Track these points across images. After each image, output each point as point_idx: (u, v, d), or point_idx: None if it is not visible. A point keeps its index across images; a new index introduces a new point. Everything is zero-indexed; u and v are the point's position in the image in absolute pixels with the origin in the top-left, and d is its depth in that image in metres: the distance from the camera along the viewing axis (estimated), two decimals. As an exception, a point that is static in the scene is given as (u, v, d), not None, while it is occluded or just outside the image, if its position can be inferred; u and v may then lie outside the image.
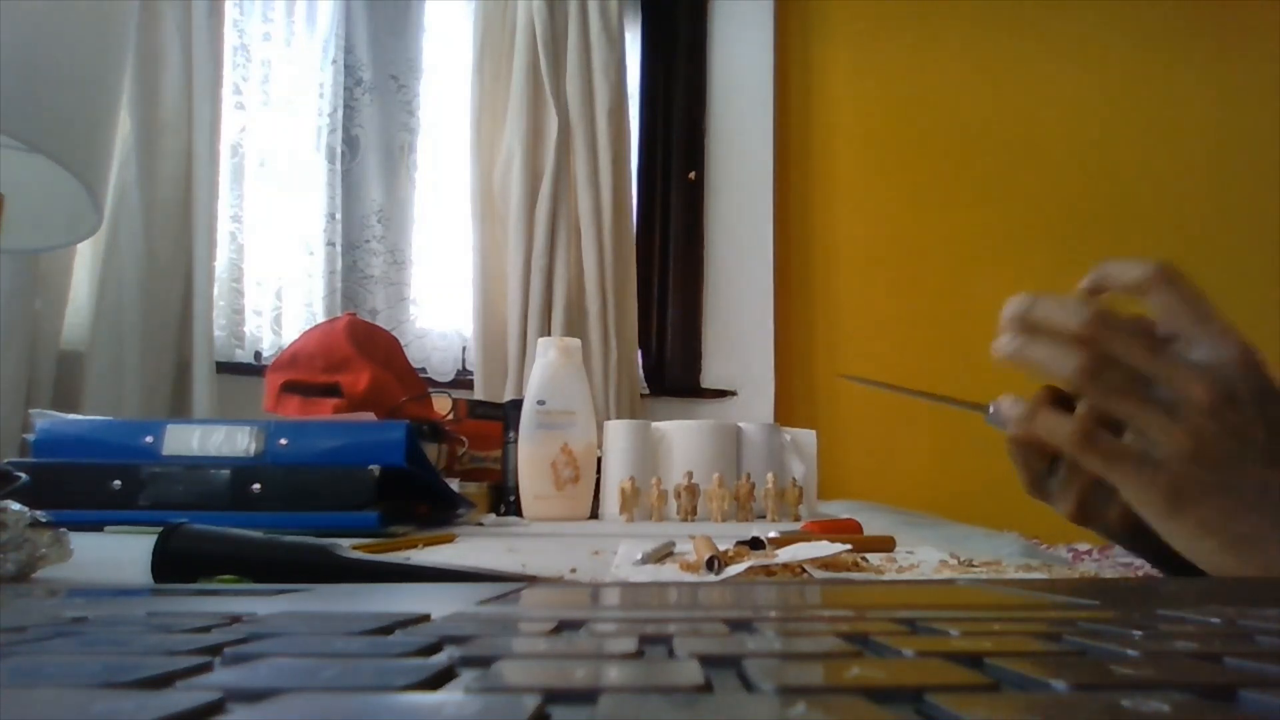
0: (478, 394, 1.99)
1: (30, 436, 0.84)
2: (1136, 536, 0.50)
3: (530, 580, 0.41)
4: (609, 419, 1.39)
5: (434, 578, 0.42)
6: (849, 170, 2.43)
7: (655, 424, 1.10)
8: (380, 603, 0.26)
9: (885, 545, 0.66)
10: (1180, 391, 0.43)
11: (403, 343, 1.37)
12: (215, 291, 1.82)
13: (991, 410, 0.52)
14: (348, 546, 0.44)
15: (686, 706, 0.12)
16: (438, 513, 0.89)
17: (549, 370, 1.05)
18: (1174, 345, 0.45)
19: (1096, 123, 2.49)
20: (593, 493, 1.07)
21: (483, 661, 0.16)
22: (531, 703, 0.12)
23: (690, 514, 1.00)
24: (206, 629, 0.20)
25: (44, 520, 0.43)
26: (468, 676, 0.15)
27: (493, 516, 1.07)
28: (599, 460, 1.08)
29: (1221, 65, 2.52)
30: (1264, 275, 2.40)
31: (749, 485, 1.01)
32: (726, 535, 0.62)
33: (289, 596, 0.28)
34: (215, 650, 0.17)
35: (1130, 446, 0.44)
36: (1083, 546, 2.13)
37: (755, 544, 0.57)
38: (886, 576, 0.51)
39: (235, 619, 0.21)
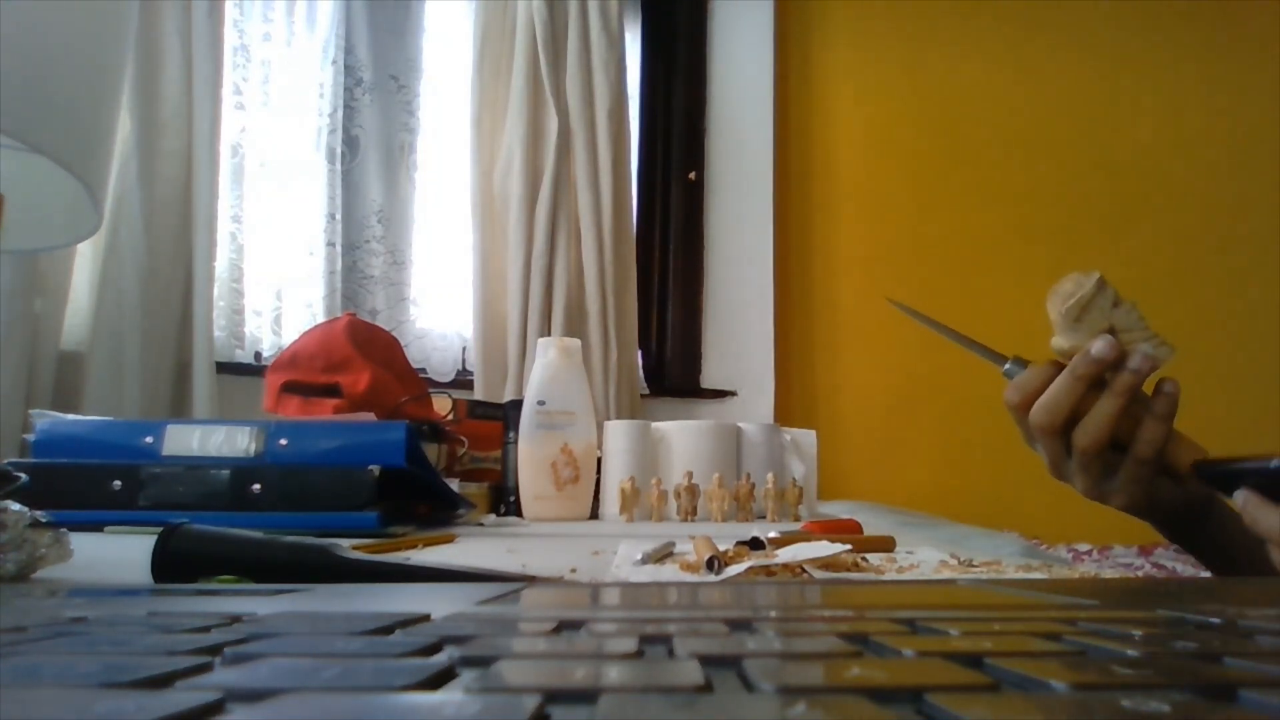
0: (478, 394, 1.99)
1: (30, 436, 0.84)
2: (1146, 511, 0.61)
3: (530, 580, 0.41)
4: (609, 419, 1.39)
5: (434, 578, 0.42)
6: (849, 170, 2.43)
7: (655, 424, 1.10)
8: (380, 603, 0.26)
9: (885, 545, 0.66)
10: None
11: (403, 343, 1.37)
12: (215, 291, 1.81)
13: (1007, 366, 0.62)
14: (348, 546, 0.44)
15: (686, 706, 0.12)
16: (438, 513, 0.89)
17: (549, 370, 1.05)
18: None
19: (1098, 123, 2.49)
20: (593, 493, 1.07)
21: (483, 661, 0.16)
22: (531, 703, 0.12)
23: (690, 514, 1.00)
24: (206, 629, 0.20)
25: (44, 520, 0.43)
26: (468, 676, 0.15)
27: (493, 517, 1.07)
28: (599, 460, 1.08)
29: (1227, 65, 2.52)
30: (1267, 274, 2.41)
31: (749, 485, 1.01)
32: (726, 535, 0.62)
33: (289, 596, 0.28)
34: (215, 650, 0.17)
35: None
36: (1083, 547, 2.14)
37: (755, 544, 0.57)
38: (886, 576, 0.51)
39: (235, 619, 0.21)
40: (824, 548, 0.52)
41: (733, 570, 0.48)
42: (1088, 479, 0.59)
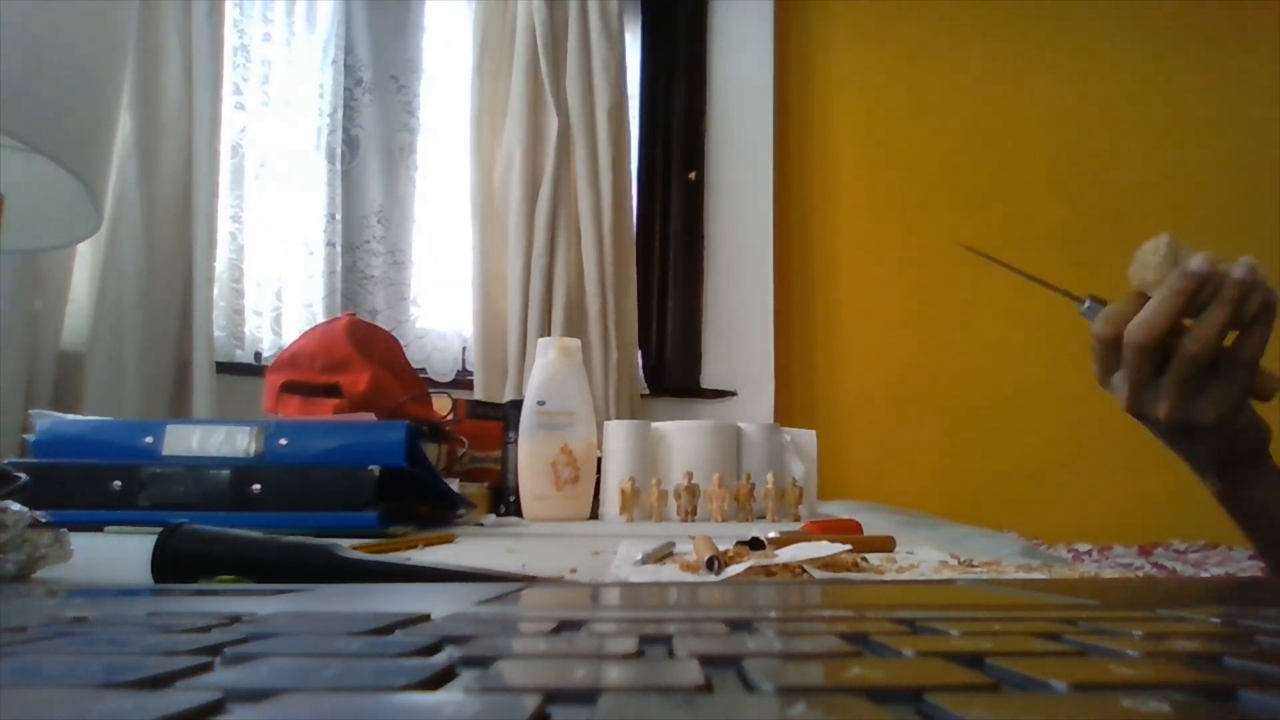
0: (478, 394, 1.99)
1: (30, 436, 0.84)
2: (1184, 433, 0.62)
3: (530, 580, 0.41)
4: (609, 419, 1.39)
5: (434, 578, 0.42)
6: (849, 170, 2.43)
7: (655, 424, 1.10)
8: (380, 603, 0.26)
9: (885, 545, 0.66)
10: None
11: (403, 343, 1.37)
12: (215, 291, 1.81)
13: (1086, 305, 0.63)
14: (348, 546, 0.44)
15: (686, 706, 0.12)
16: (438, 513, 0.89)
17: (549, 370, 1.05)
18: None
19: (1096, 123, 2.49)
20: (593, 493, 1.07)
21: (483, 661, 0.16)
22: (531, 703, 0.12)
23: (690, 514, 1.00)
24: (206, 629, 0.20)
25: (44, 520, 0.43)
26: (468, 676, 0.15)
27: (493, 517, 1.07)
28: (599, 460, 1.08)
29: (1221, 66, 2.52)
30: (1267, 273, 2.40)
31: (749, 485, 1.01)
32: (726, 535, 0.62)
33: (289, 596, 0.28)
34: (215, 650, 0.17)
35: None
36: (1083, 547, 2.14)
37: (755, 544, 0.57)
38: (886, 576, 0.51)
39: (235, 619, 0.21)
40: (824, 548, 0.52)
41: (733, 570, 0.48)
42: (1179, 395, 0.59)
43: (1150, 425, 0.63)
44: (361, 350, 1.15)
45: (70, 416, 0.91)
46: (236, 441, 0.81)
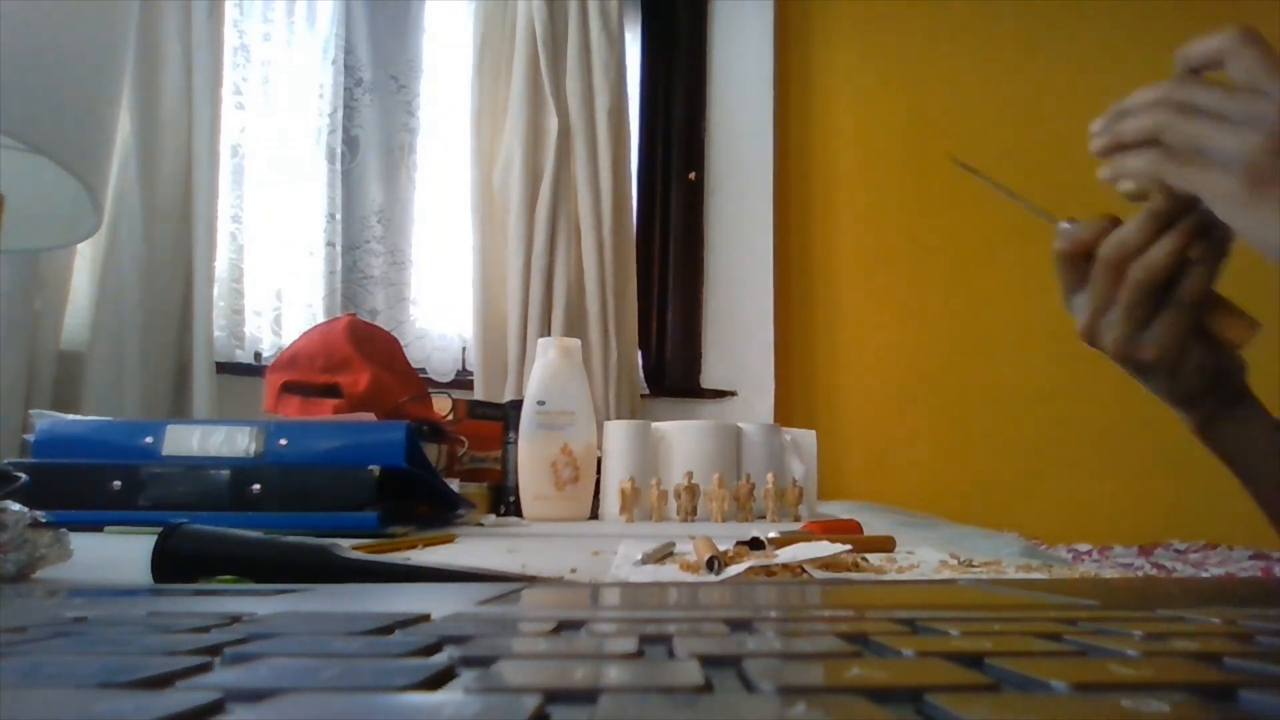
0: (478, 394, 1.99)
1: (30, 436, 0.84)
2: (1133, 367, 0.60)
3: (530, 580, 0.41)
4: (609, 419, 1.39)
5: (434, 578, 0.42)
6: (849, 170, 2.43)
7: (655, 424, 1.10)
8: (380, 603, 0.26)
9: (885, 545, 0.66)
10: (1250, 108, 0.50)
11: (403, 343, 1.36)
12: (215, 291, 1.81)
13: (1064, 226, 0.63)
14: (348, 546, 0.44)
15: (686, 706, 0.12)
16: (438, 513, 0.89)
17: (549, 370, 1.05)
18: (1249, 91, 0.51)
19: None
20: (593, 493, 1.07)
21: (483, 661, 0.16)
22: (531, 703, 0.12)
23: (690, 514, 1.00)
24: (206, 629, 0.20)
25: (44, 520, 0.43)
26: (468, 676, 0.15)
27: (493, 517, 1.07)
28: (599, 460, 1.08)
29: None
30: (1262, 274, 2.40)
31: (749, 485, 1.01)
32: (726, 535, 0.62)
33: (289, 596, 0.28)
34: (215, 650, 0.17)
35: (1205, 152, 0.51)
36: (1083, 547, 2.13)
37: (755, 544, 0.57)
38: (886, 576, 0.51)
39: (235, 619, 0.21)
40: (824, 548, 0.52)
41: (733, 570, 0.48)
42: (1127, 326, 0.57)
43: (1107, 354, 0.61)
44: (361, 350, 1.15)
45: (70, 416, 0.91)
46: (236, 441, 0.81)
